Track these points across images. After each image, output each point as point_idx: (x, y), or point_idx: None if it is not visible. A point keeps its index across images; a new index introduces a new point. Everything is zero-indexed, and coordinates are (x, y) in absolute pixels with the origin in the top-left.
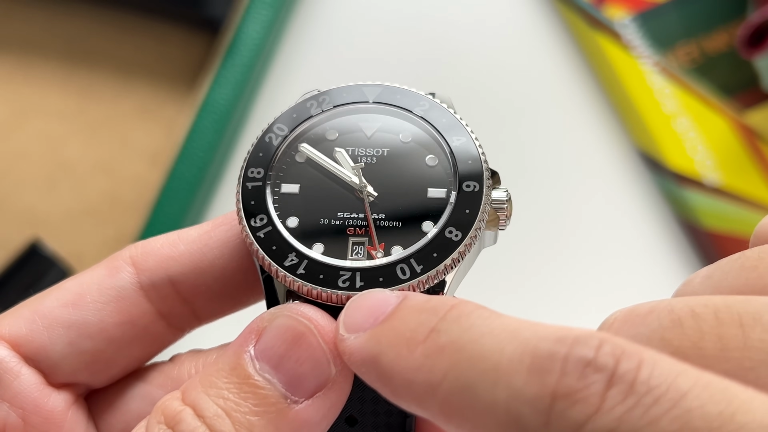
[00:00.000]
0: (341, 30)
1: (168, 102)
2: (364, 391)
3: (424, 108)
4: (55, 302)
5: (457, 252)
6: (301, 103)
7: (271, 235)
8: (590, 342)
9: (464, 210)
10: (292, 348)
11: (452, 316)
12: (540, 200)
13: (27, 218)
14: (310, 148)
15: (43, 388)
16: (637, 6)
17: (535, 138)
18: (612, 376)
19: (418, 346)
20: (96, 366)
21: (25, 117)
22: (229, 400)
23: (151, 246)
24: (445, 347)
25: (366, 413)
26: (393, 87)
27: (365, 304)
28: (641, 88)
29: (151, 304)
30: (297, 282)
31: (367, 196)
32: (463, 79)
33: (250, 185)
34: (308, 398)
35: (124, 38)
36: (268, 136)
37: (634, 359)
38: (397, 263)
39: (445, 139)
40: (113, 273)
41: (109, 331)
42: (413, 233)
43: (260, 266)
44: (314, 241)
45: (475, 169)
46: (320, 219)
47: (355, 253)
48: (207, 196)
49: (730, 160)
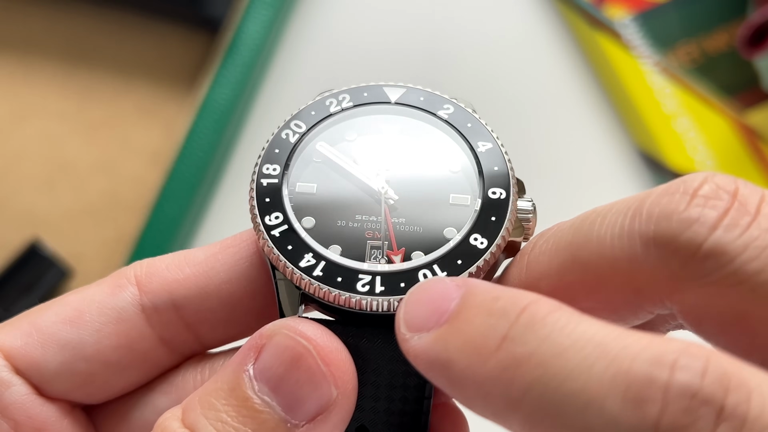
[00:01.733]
0: (341, 30)
1: (168, 102)
2: (377, 401)
3: (448, 111)
4: (54, 317)
5: (483, 260)
6: (320, 101)
7: (286, 234)
8: (694, 365)
9: (490, 217)
10: (291, 370)
11: (525, 320)
12: (540, 200)
13: (27, 218)
14: (329, 148)
15: (34, 398)
16: (637, 6)
17: (535, 138)
18: (721, 411)
19: (491, 356)
20: (89, 388)
21: (25, 117)
22: (227, 424)
23: (156, 266)
24: (522, 360)
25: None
26: (416, 89)
27: (425, 298)
28: (641, 87)
29: (152, 329)
30: (314, 284)
31: (386, 200)
32: (463, 79)
33: (265, 182)
34: (309, 422)
35: (124, 38)
36: (285, 132)
37: (744, 390)
38: (420, 268)
39: (471, 145)
40: (116, 292)
41: (105, 354)
42: (435, 239)
43: (273, 268)
44: (331, 243)
45: (501, 176)
46: (337, 221)
47: (373, 257)
48: (207, 196)
49: (731, 160)
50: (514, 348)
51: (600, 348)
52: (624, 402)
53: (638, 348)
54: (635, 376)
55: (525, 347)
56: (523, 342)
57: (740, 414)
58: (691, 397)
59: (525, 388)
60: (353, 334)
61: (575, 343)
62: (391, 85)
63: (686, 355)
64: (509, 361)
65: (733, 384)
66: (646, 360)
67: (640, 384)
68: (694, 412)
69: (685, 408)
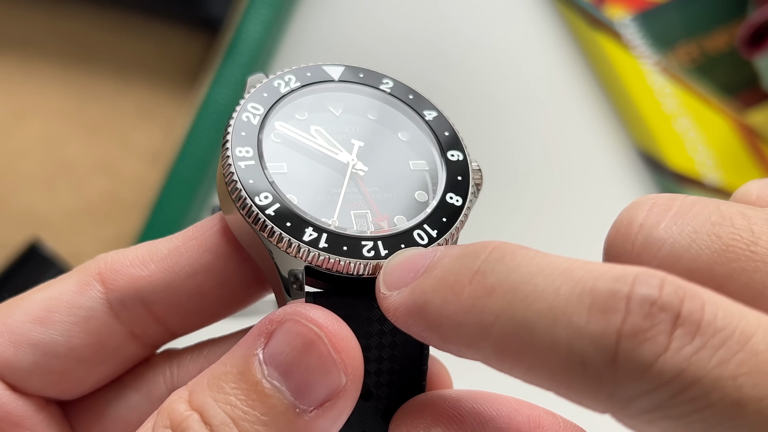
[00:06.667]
0: (341, 30)
1: (168, 102)
2: (381, 363)
3: (388, 85)
4: (23, 317)
5: (463, 214)
6: (268, 83)
7: (281, 211)
8: (652, 281)
9: (456, 177)
10: (302, 356)
11: (495, 256)
12: (540, 200)
13: (27, 218)
14: (290, 127)
15: (10, 395)
16: (637, 6)
17: (535, 138)
18: (678, 316)
19: (464, 289)
20: (64, 384)
21: (25, 117)
22: (236, 407)
23: (120, 263)
24: (494, 288)
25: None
26: (354, 67)
27: (403, 261)
28: (641, 87)
29: (121, 325)
30: (322, 256)
31: (357, 171)
32: (464, 79)
33: (243, 164)
34: (318, 407)
35: (124, 38)
36: (245, 115)
37: (697, 300)
38: (413, 229)
39: (419, 113)
40: (82, 290)
41: (77, 352)
42: (410, 203)
43: (273, 248)
44: (320, 217)
45: (454, 139)
46: (316, 196)
47: (360, 225)
48: (207, 196)
49: (731, 160)
50: (485, 279)
51: (566, 273)
52: (589, 314)
53: (601, 270)
54: (599, 292)
55: (496, 277)
56: (494, 273)
57: (695, 319)
58: (651, 305)
59: (496, 312)
60: (353, 301)
61: (543, 270)
62: (329, 64)
63: (645, 273)
64: (481, 290)
65: (688, 295)
66: (609, 278)
67: (604, 297)
68: (653, 317)
69: (645, 314)
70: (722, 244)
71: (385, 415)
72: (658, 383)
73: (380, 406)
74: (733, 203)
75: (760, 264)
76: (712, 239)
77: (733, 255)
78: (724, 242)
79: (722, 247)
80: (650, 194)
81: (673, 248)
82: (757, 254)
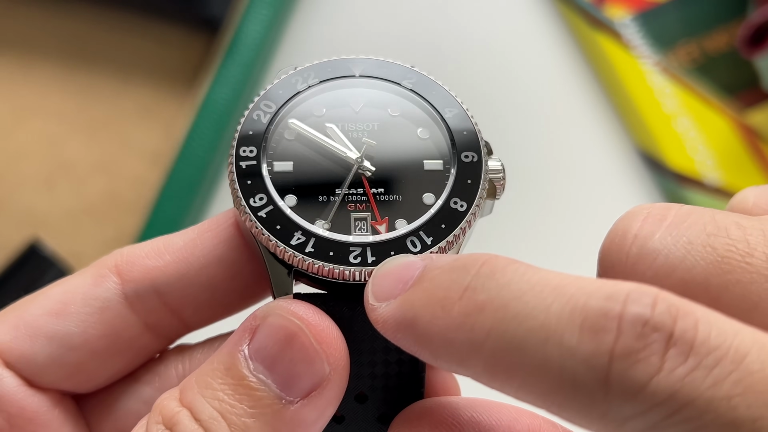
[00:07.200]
0: (341, 30)
1: (168, 102)
2: (374, 367)
3: (411, 81)
4: (39, 310)
5: (465, 221)
6: (286, 79)
7: (273, 214)
8: (644, 299)
9: (466, 180)
10: (285, 348)
11: (485, 272)
12: (540, 199)
13: (27, 218)
14: (301, 124)
15: (25, 390)
16: (637, 6)
17: (535, 138)
18: (671, 336)
19: (454, 305)
20: (79, 377)
21: (25, 117)
22: (224, 402)
23: (136, 255)
24: (485, 305)
25: (377, 389)
26: (378, 60)
27: (392, 271)
28: (642, 87)
29: (136, 316)
30: (307, 261)
31: (364, 172)
32: (464, 79)
33: (243, 164)
34: (303, 398)
35: (123, 38)
36: (256, 113)
37: (690, 318)
38: (407, 236)
39: (439, 111)
40: (98, 282)
41: (92, 344)
42: (415, 206)
43: (263, 249)
44: (315, 219)
45: (471, 139)
46: (318, 196)
47: (358, 228)
48: (207, 196)
49: (731, 160)
50: (476, 295)
51: (557, 290)
52: (581, 333)
53: (593, 288)
54: (591, 310)
55: (486, 293)
56: (484, 289)
57: (688, 339)
58: (643, 325)
59: (487, 330)
60: (347, 306)
61: (534, 287)
62: (353, 58)
63: (637, 291)
64: (471, 307)
65: (681, 314)
66: (600, 296)
67: (596, 316)
68: (646, 337)
69: (638, 335)
70: (717, 256)
71: (382, 419)
72: (652, 404)
73: (376, 410)
74: (729, 213)
75: (756, 276)
76: (708, 250)
77: (729, 266)
78: (720, 253)
79: (717, 259)
80: (645, 204)
81: (667, 259)
82: (752, 266)
